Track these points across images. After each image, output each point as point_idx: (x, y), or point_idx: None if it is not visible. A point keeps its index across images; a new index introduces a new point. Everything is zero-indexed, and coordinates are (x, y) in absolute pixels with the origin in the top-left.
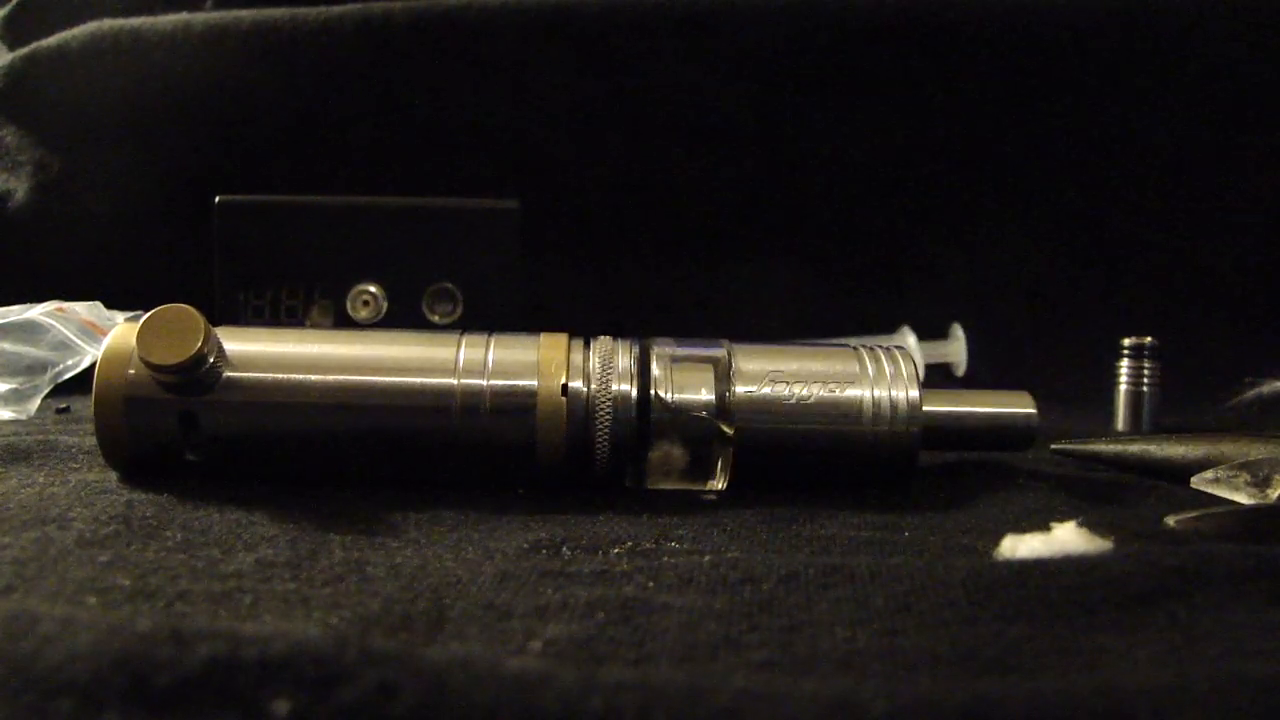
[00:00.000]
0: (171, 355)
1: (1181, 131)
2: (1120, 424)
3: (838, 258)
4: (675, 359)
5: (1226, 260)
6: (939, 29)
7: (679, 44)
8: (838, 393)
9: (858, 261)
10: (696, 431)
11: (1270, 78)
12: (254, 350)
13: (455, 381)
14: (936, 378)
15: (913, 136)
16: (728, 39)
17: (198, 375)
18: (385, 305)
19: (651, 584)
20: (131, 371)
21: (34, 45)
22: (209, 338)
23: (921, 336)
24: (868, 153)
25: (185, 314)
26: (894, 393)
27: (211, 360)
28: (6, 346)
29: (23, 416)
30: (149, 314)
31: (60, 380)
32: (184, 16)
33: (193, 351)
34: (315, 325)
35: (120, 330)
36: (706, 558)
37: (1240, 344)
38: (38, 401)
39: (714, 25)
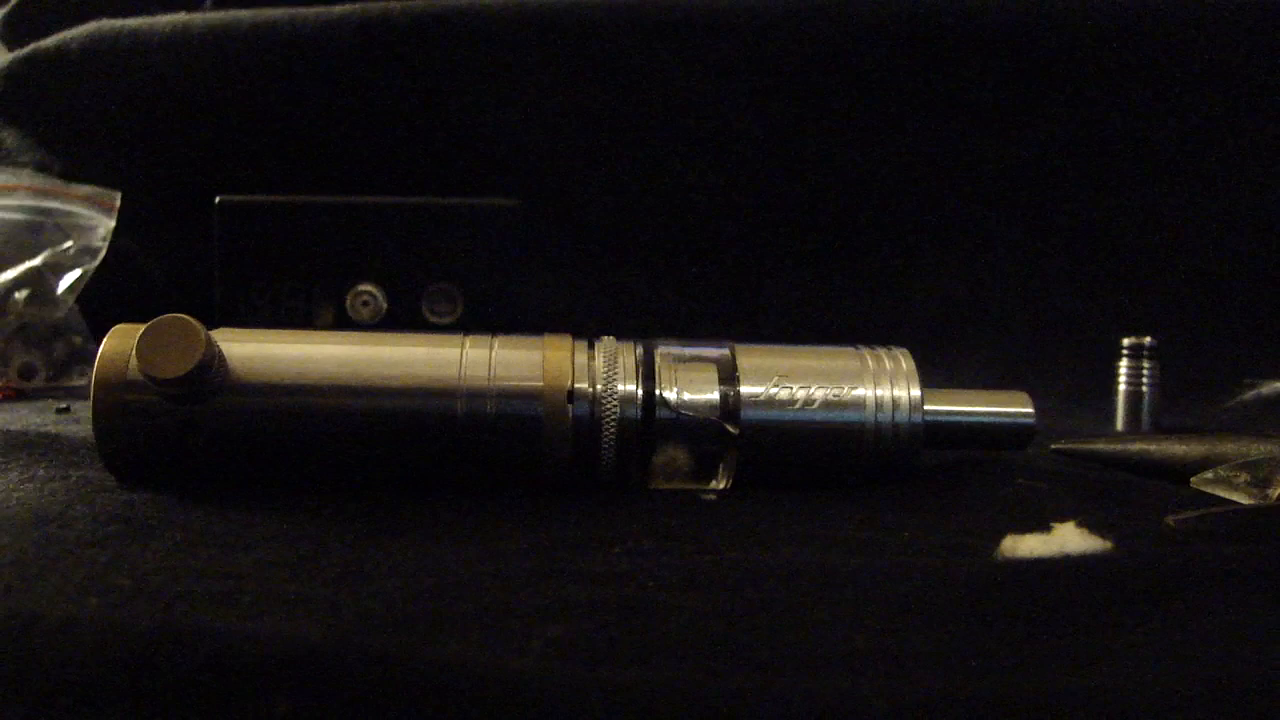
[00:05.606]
0: (173, 368)
1: (1181, 131)
2: (1120, 424)
3: (838, 258)
4: (679, 359)
5: (1226, 260)
6: (938, 33)
7: (679, 46)
8: (841, 392)
9: (858, 262)
10: (702, 432)
11: (1270, 78)
12: (254, 353)
13: (460, 383)
14: (937, 378)
15: (912, 138)
16: (728, 42)
17: (199, 385)
18: (385, 305)
19: (651, 584)
20: (129, 377)
21: (33, 46)
22: (209, 347)
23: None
24: (867, 154)
25: (184, 325)
26: (896, 391)
27: (213, 368)
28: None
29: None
30: (147, 326)
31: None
32: (183, 17)
33: (194, 364)
34: (315, 326)
35: (117, 333)
36: (706, 558)
37: (1240, 344)
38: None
39: (715, 28)
